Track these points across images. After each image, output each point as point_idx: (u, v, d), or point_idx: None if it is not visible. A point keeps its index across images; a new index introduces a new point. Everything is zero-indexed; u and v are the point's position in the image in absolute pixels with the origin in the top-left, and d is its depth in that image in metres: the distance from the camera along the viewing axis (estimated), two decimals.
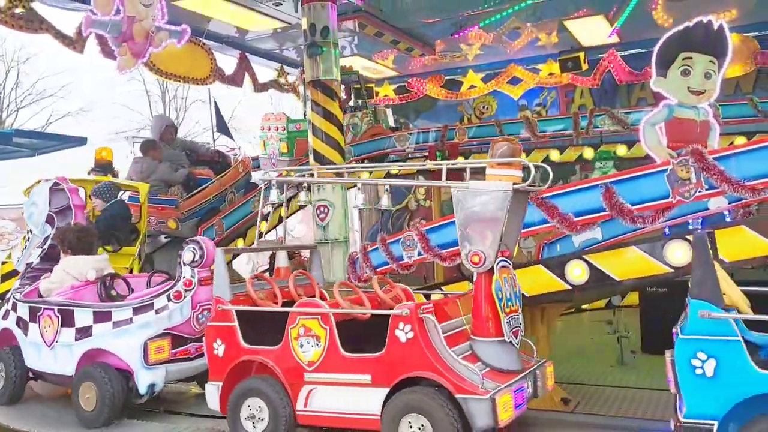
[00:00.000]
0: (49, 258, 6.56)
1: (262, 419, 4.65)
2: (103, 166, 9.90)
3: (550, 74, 13.02)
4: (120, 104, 28.64)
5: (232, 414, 4.80)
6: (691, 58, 6.12)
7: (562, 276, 5.29)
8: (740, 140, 8.39)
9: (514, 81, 13.41)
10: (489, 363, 4.26)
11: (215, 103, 12.01)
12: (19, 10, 6.99)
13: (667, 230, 6.34)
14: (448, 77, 14.27)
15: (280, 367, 4.62)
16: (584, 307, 10.01)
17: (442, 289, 5.89)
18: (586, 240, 6.61)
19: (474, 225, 4.30)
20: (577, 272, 5.21)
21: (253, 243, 7.63)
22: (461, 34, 11.67)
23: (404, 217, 15.04)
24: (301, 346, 4.54)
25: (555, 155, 10.48)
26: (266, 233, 10.74)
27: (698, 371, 3.35)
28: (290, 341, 4.60)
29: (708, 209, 5.95)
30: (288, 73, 13.00)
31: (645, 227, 5.15)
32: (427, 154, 11.27)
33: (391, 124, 12.72)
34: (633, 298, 8.70)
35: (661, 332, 4.44)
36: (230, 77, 11.27)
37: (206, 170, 10.85)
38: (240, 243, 10.12)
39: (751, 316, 3.56)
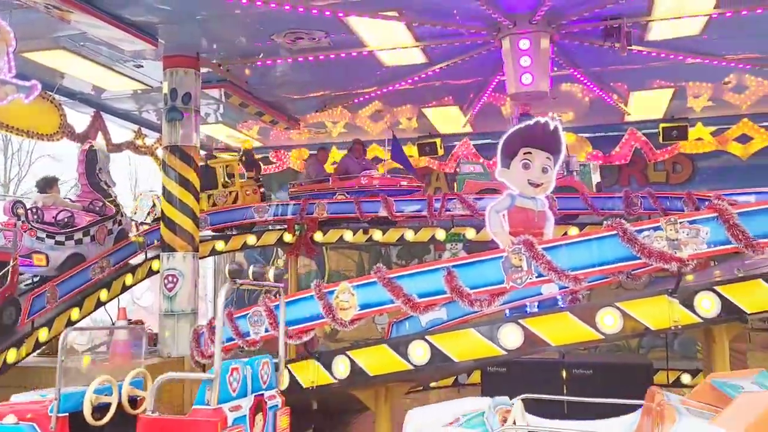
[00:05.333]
0: None
1: None
2: (245, 151, 13.14)
3: (409, 157, 13.58)
4: None
5: None
6: (531, 153, 6.62)
7: (405, 356, 5.38)
8: (573, 230, 9.11)
9: (376, 161, 13.83)
10: None
11: (393, 133, 12.63)
12: None
13: (507, 312, 6.69)
14: (312, 152, 14.49)
15: None
16: (432, 385, 10.17)
17: (287, 367, 5.77)
18: (432, 320, 6.80)
19: None
20: (420, 353, 5.33)
21: None
22: (326, 112, 11.98)
23: (261, 289, 14.72)
24: None
25: (410, 235, 10.82)
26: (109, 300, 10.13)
27: None
28: None
29: (542, 294, 6.37)
30: (146, 136, 12.61)
31: (482, 310, 5.38)
32: (286, 226, 11.23)
33: (597, 181, 11.32)
34: (477, 376, 8.99)
35: None
36: (81, 135, 10.72)
37: None
38: None
39: None
